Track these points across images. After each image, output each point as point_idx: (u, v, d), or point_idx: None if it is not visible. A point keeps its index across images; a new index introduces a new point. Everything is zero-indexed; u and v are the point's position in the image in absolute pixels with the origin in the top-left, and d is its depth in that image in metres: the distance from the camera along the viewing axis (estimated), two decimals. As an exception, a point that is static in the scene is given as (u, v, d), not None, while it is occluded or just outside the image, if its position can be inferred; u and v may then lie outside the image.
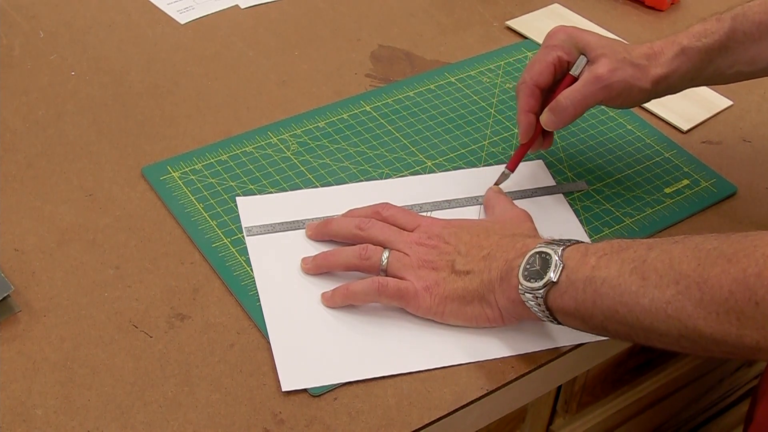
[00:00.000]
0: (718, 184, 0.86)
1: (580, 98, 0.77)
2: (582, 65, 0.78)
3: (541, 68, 0.78)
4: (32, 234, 0.76)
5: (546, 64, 0.78)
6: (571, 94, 0.77)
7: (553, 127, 0.78)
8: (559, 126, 0.78)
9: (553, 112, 0.77)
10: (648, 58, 0.78)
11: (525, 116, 0.79)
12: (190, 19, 1.03)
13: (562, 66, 0.79)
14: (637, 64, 0.77)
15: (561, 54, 0.78)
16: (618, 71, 0.76)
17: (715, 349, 0.57)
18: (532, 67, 0.78)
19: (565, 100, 0.77)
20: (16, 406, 0.63)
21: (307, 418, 0.64)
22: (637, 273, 0.59)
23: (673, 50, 0.78)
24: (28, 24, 1.00)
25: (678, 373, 0.96)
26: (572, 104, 0.77)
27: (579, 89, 0.77)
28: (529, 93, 0.78)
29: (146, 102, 0.91)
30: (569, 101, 0.77)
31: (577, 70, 0.78)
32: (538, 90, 0.79)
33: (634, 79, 0.77)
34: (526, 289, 0.64)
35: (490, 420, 0.70)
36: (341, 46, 1.01)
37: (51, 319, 0.69)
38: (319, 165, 0.84)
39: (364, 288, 0.70)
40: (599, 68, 0.76)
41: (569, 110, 0.77)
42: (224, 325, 0.70)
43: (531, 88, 0.78)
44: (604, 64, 0.76)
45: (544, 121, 0.78)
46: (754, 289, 0.54)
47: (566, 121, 0.78)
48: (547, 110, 0.78)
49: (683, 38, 0.78)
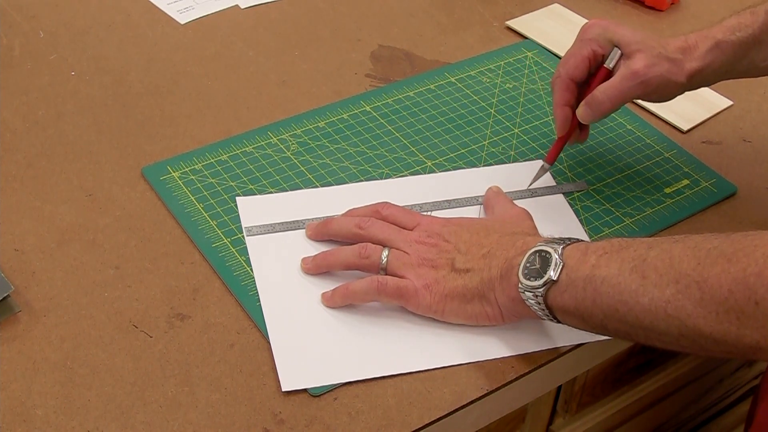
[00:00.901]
0: (718, 184, 0.86)
1: (617, 94, 0.77)
2: (616, 57, 0.78)
3: (576, 62, 0.78)
4: (32, 234, 0.76)
5: (581, 58, 0.78)
6: (608, 90, 0.77)
7: (589, 121, 0.79)
8: (595, 119, 0.79)
9: (589, 106, 0.78)
10: (683, 52, 0.78)
11: (561, 110, 0.79)
12: (190, 19, 1.03)
13: (596, 60, 0.79)
14: (672, 59, 0.77)
15: (596, 48, 0.78)
16: (655, 67, 0.76)
17: (714, 349, 0.57)
18: (567, 61, 0.79)
19: (601, 95, 0.77)
20: (16, 406, 0.63)
21: (307, 418, 0.64)
22: (637, 272, 0.59)
23: (707, 44, 0.78)
24: (28, 24, 1.00)
25: (678, 373, 0.96)
26: (609, 99, 0.77)
27: (616, 85, 0.77)
28: (565, 87, 0.79)
29: (146, 102, 0.91)
30: (606, 96, 0.77)
31: (611, 62, 0.78)
32: (573, 84, 0.79)
33: (671, 74, 0.77)
34: (526, 288, 0.64)
35: (490, 420, 0.70)
36: (341, 46, 1.01)
37: (51, 319, 0.69)
38: (319, 165, 0.84)
39: (364, 287, 0.70)
40: (636, 64, 0.76)
41: (606, 105, 0.77)
42: (224, 325, 0.70)
43: (566, 82, 0.79)
44: (640, 60, 0.76)
45: (580, 114, 0.78)
46: (754, 288, 0.54)
47: (602, 115, 0.78)
48: (583, 104, 0.78)
49: (717, 32, 0.78)
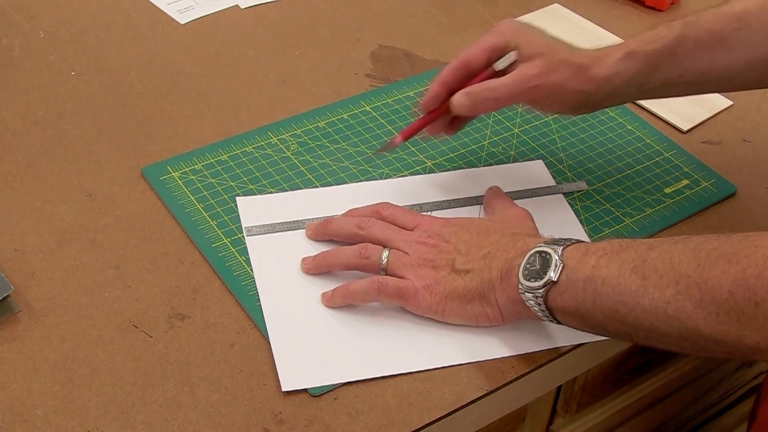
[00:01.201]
0: (718, 184, 0.86)
1: (504, 95, 0.74)
2: (509, 61, 0.74)
3: (476, 50, 0.76)
4: (32, 234, 0.76)
5: (482, 48, 0.76)
6: (497, 88, 0.74)
7: (460, 111, 0.75)
8: (468, 113, 0.76)
9: (468, 97, 0.74)
10: (593, 58, 0.75)
11: (438, 86, 0.76)
12: (190, 19, 1.03)
13: (497, 54, 0.76)
14: (577, 64, 0.74)
15: (501, 42, 0.75)
16: (550, 74, 0.74)
17: (715, 350, 0.57)
18: (469, 47, 0.76)
19: (485, 91, 0.74)
20: (16, 406, 0.63)
21: (307, 418, 0.64)
22: (637, 273, 0.59)
23: (619, 53, 0.75)
24: (28, 24, 1.00)
25: (678, 373, 0.96)
26: (493, 97, 0.74)
27: (505, 85, 0.74)
28: (455, 68, 0.76)
29: (146, 102, 0.91)
30: (492, 94, 0.74)
31: (501, 64, 0.75)
32: (465, 69, 0.76)
33: (569, 81, 0.74)
34: (526, 289, 0.64)
35: (490, 420, 0.70)
36: (341, 46, 1.01)
37: (51, 319, 0.69)
38: (319, 165, 0.84)
39: (364, 287, 0.70)
40: (529, 68, 0.74)
41: (488, 103, 0.74)
42: (224, 325, 0.70)
43: (459, 64, 0.76)
44: (536, 65, 0.74)
45: (455, 101, 0.75)
46: (754, 289, 0.54)
47: (479, 112, 0.76)
48: (462, 93, 0.75)
49: (631, 42, 0.76)
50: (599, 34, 1.05)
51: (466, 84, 0.76)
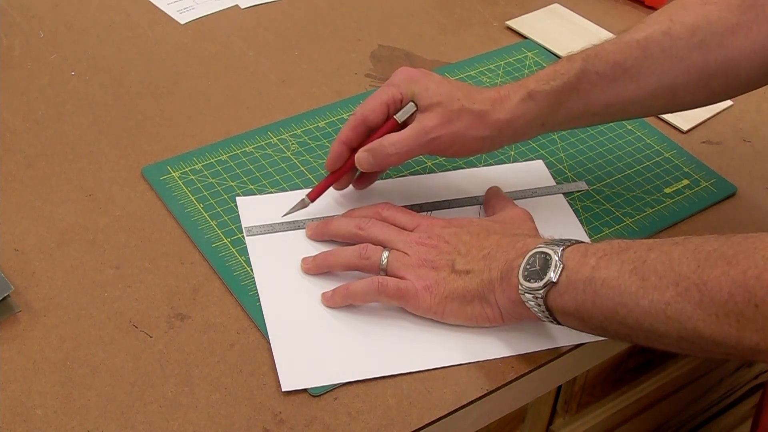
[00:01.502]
0: (718, 184, 0.86)
1: (406, 150, 0.73)
2: (409, 112, 0.74)
3: (374, 105, 0.75)
4: (32, 234, 0.76)
5: (380, 102, 0.75)
6: (398, 143, 0.73)
7: (366, 168, 0.75)
8: (373, 169, 0.75)
9: (372, 154, 0.74)
10: (492, 102, 0.74)
11: (338, 146, 0.75)
12: (190, 19, 1.03)
13: (395, 107, 0.75)
14: (477, 111, 0.73)
15: (397, 94, 0.75)
16: (449, 123, 0.73)
17: (714, 351, 0.57)
18: (366, 103, 0.75)
19: (389, 146, 0.73)
20: (16, 406, 0.63)
21: (307, 418, 0.64)
22: (636, 274, 0.59)
23: (519, 95, 0.74)
24: (28, 24, 1.00)
25: (678, 373, 0.96)
26: (396, 153, 0.73)
27: (406, 140, 0.73)
28: (353, 126, 0.75)
29: (146, 102, 0.91)
30: (394, 149, 0.73)
31: (403, 116, 0.74)
32: (364, 127, 0.75)
33: (469, 128, 0.73)
34: (526, 290, 0.64)
35: (490, 420, 0.70)
36: (341, 46, 1.01)
37: (51, 319, 0.69)
38: (319, 165, 0.84)
39: (364, 288, 0.70)
40: (428, 120, 0.73)
41: (392, 159, 0.74)
42: (224, 325, 0.70)
43: (357, 121, 0.75)
44: (434, 117, 0.73)
45: (359, 159, 0.74)
46: (754, 291, 0.54)
47: (384, 167, 0.75)
48: (365, 150, 0.74)
49: (531, 82, 0.74)
50: (599, 34, 1.05)
51: (368, 140, 0.75)
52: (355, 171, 0.77)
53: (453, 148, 0.75)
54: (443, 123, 0.73)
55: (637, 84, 0.75)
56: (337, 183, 0.78)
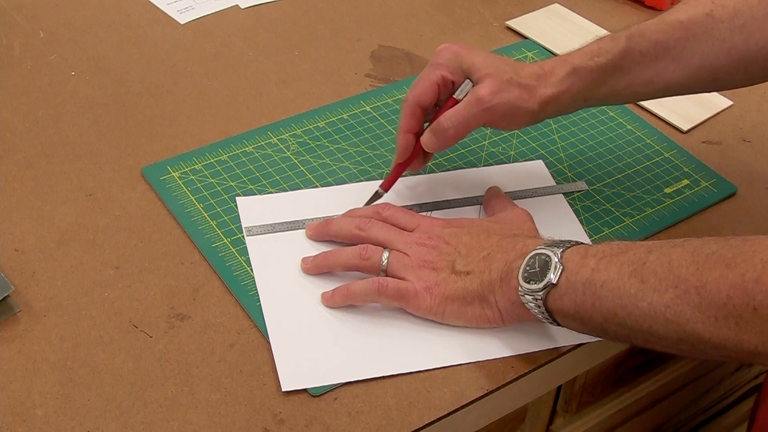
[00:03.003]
0: (718, 184, 0.86)
1: (461, 121, 0.74)
2: (467, 89, 0.75)
3: (423, 88, 0.76)
4: (32, 234, 0.76)
5: (429, 84, 0.76)
6: (453, 117, 0.74)
7: (433, 149, 0.76)
8: (440, 148, 0.76)
9: (434, 134, 0.75)
10: (537, 78, 0.75)
11: (404, 136, 0.77)
12: (190, 19, 1.03)
13: (446, 86, 0.76)
14: (524, 85, 0.74)
15: (445, 73, 0.76)
16: (502, 93, 0.74)
17: (713, 353, 0.57)
18: (415, 86, 0.76)
19: (446, 121, 0.74)
20: (16, 406, 0.63)
21: (307, 418, 0.64)
22: (636, 276, 0.59)
23: (564, 70, 0.75)
24: (28, 24, 1.00)
25: (678, 373, 0.96)
26: (453, 126, 0.74)
27: (460, 111, 0.74)
28: (410, 113, 0.76)
29: (146, 102, 0.91)
30: (450, 123, 0.74)
31: (461, 94, 0.75)
32: (420, 110, 0.76)
33: (520, 101, 0.74)
34: (525, 291, 0.64)
35: (490, 420, 0.70)
36: (341, 46, 1.01)
37: (51, 319, 0.69)
38: (319, 165, 0.84)
39: (364, 288, 0.70)
40: (482, 90, 0.74)
41: (450, 132, 0.75)
42: (224, 325, 0.70)
43: (412, 108, 0.76)
44: (487, 86, 0.74)
45: (424, 141, 0.76)
46: (753, 294, 0.54)
47: (447, 144, 0.76)
48: (428, 131, 0.76)
49: (575, 57, 0.76)
50: (599, 34, 1.05)
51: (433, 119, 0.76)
52: (426, 153, 0.79)
53: (505, 119, 0.75)
54: (496, 92, 0.74)
55: (678, 64, 0.76)
56: (411, 166, 0.79)
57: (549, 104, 0.75)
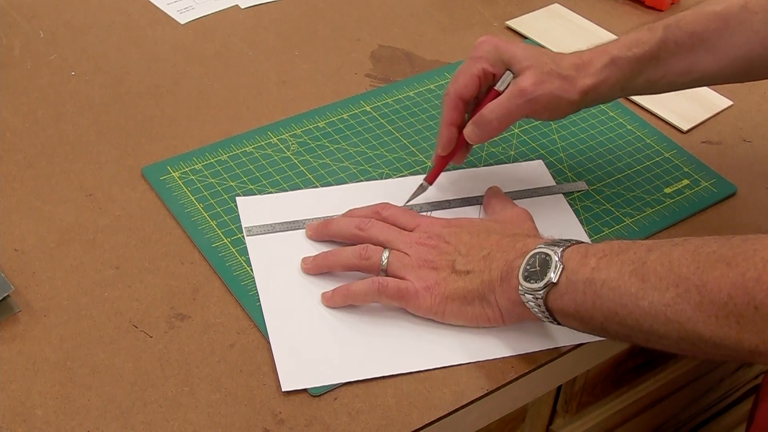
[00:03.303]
0: (718, 184, 0.86)
1: (504, 112, 0.75)
2: (508, 81, 0.76)
3: (465, 80, 0.76)
4: (32, 234, 0.76)
5: (471, 77, 0.76)
6: (496, 108, 0.75)
7: (476, 141, 0.77)
8: (482, 140, 0.77)
9: (477, 126, 0.76)
10: (576, 68, 0.76)
11: (447, 129, 0.77)
12: (190, 19, 1.03)
13: (487, 78, 0.77)
14: (564, 76, 0.75)
15: (486, 66, 0.76)
16: (544, 84, 0.74)
17: (714, 352, 0.57)
18: (456, 79, 0.77)
19: (489, 113, 0.75)
20: (16, 406, 0.63)
21: (307, 418, 0.64)
22: (636, 275, 0.59)
23: (602, 60, 0.76)
24: (28, 24, 1.00)
25: (678, 373, 0.96)
26: (497, 118, 0.75)
27: (503, 103, 0.75)
28: (452, 106, 0.77)
29: (146, 102, 0.91)
30: (494, 115, 0.75)
31: (502, 85, 0.76)
32: (462, 102, 0.77)
33: (561, 91, 0.75)
34: (526, 290, 0.64)
35: (490, 420, 0.70)
36: (341, 46, 1.01)
37: (51, 319, 0.69)
38: (319, 165, 0.84)
39: (365, 288, 0.70)
40: (524, 81, 0.74)
41: (493, 124, 0.75)
42: (224, 325, 0.70)
43: (454, 101, 0.77)
44: (529, 77, 0.74)
45: (467, 134, 0.77)
46: (753, 293, 0.54)
47: (490, 135, 0.77)
48: (470, 123, 0.76)
49: (613, 48, 0.77)
50: (599, 34, 1.05)
51: (475, 112, 0.77)
52: (468, 145, 0.80)
53: (547, 110, 0.76)
54: (538, 83, 0.74)
55: (714, 55, 0.77)
56: (454, 159, 0.80)
57: (588, 94, 0.76)
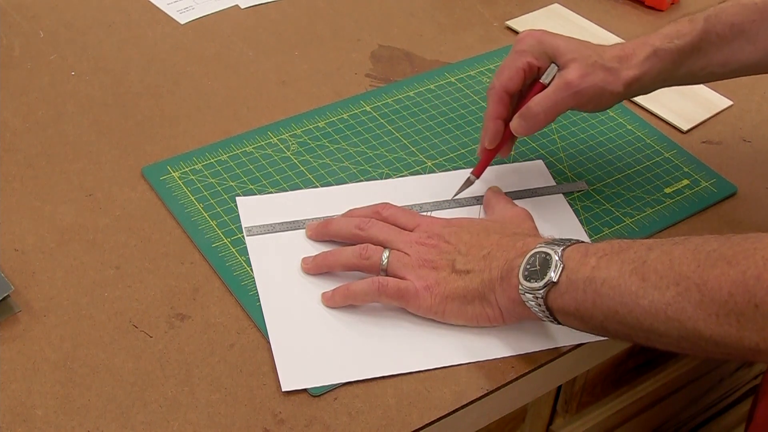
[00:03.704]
0: (718, 184, 0.86)
1: (551, 105, 0.76)
2: (553, 73, 0.77)
3: (510, 74, 0.77)
4: (32, 234, 0.76)
5: (515, 70, 0.77)
6: (542, 101, 0.76)
7: (523, 134, 0.78)
8: (529, 132, 0.78)
9: (523, 119, 0.77)
10: (620, 60, 0.77)
11: (493, 123, 0.78)
12: (190, 19, 1.03)
13: (531, 71, 0.78)
14: (608, 68, 0.76)
15: (531, 60, 0.77)
16: (589, 76, 0.75)
17: (714, 351, 0.57)
18: (501, 73, 0.78)
19: (536, 106, 0.76)
20: (16, 406, 0.63)
21: (307, 418, 0.64)
22: (637, 274, 0.59)
23: (645, 52, 0.77)
24: (28, 24, 1.00)
25: (678, 373, 0.96)
26: (543, 111, 0.76)
27: (550, 95, 0.76)
28: (498, 99, 0.78)
29: (146, 102, 0.91)
30: (540, 108, 0.76)
31: (547, 78, 0.77)
32: (507, 96, 0.78)
33: (606, 83, 0.76)
34: (526, 289, 0.64)
35: (490, 420, 0.70)
36: (341, 46, 1.01)
37: (51, 319, 0.69)
38: (319, 165, 0.84)
39: (365, 288, 0.70)
40: (570, 74, 0.75)
41: (540, 117, 0.76)
42: (224, 325, 0.70)
43: (500, 94, 0.78)
44: (574, 70, 0.75)
45: (514, 127, 0.77)
46: (754, 291, 0.54)
47: (537, 128, 0.77)
48: (517, 116, 0.77)
49: (655, 39, 0.77)
50: (599, 34, 1.05)
51: (519, 106, 0.78)
52: (513, 138, 0.80)
53: (592, 102, 0.77)
54: (583, 76, 0.75)
55: (754, 45, 0.78)
56: (500, 152, 0.81)
57: (632, 86, 0.77)
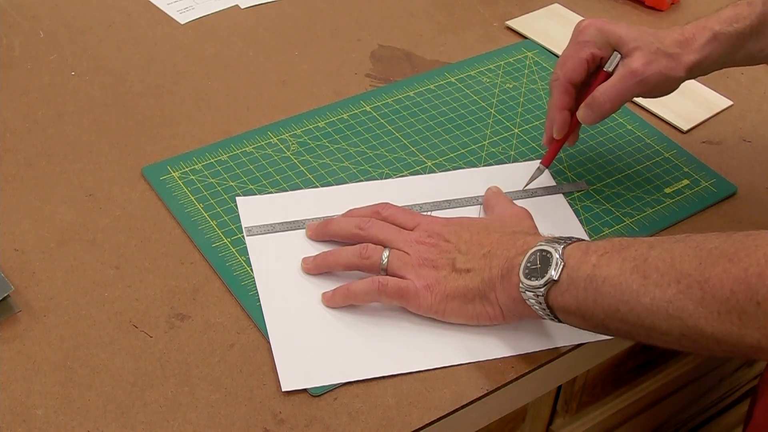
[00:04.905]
0: (718, 184, 0.86)
1: (616, 93, 0.77)
2: (616, 61, 0.78)
3: (574, 65, 0.78)
4: (32, 234, 0.76)
5: (579, 61, 0.78)
6: (608, 90, 0.77)
7: (590, 123, 0.79)
8: (596, 121, 0.79)
9: (590, 108, 0.78)
10: (680, 45, 0.78)
11: (560, 113, 0.79)
12: (190, 19, 1.03)
13: (595, 61, 0.79)
14: (670, 54, 0.77)
15: (594, 50, 0.78)
16: (652, 64, 0.76)
17: (716, 349, 0.57)
18: (564, 64, 0.79)
19: (601, 95, 0.77)
20: (16, 406, 0.63)
21: (307, 418, 0.64)
22: (638, 271, 0.59)
23: (705, 36, 0.78)
24: (28, 24, 1.00)
25: (678, 373, 0.96)
26: (609, 100, 0.77)
27: (615, 84, 0.77)
28: (563, 90, 0.79)
29: (146, 102, 0.91)
30: (606, 97, 0.77)
31: (611, 66, 0.78)
32: (572, 86, 0.79)
33: (669, 70, 0.77)
34: (526, 288, 0.64)
35: (490, 420, 0.70)
36: (341, 46, 1.01)
37: (51, 319, 0.69)
38: (319, 165, 0.84)
39: (365, 287, 0.70)
40: (634, 62, 0.76)
41: (606, 106, 0.77)
42: (224, 325, 0.70)
43: (564, 85, 0.79)
44: (639, 58, 0.76)
45: (581, 116, 0.79)
46: (756, 288, 0.54)
47: (603, 116, 0.78)
48: (584, 106, 0.78)
49: (715, 23, 0.78)
50: (599, 34, 1.05)
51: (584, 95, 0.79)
52: (579, 126, 0.82)
53: (657, 89, 0.78)
54: (647, 63, 0.76)
55: None
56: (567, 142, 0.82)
57: (693, 70, 0.78)
